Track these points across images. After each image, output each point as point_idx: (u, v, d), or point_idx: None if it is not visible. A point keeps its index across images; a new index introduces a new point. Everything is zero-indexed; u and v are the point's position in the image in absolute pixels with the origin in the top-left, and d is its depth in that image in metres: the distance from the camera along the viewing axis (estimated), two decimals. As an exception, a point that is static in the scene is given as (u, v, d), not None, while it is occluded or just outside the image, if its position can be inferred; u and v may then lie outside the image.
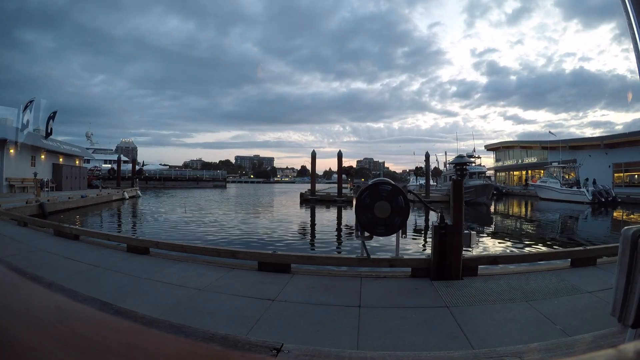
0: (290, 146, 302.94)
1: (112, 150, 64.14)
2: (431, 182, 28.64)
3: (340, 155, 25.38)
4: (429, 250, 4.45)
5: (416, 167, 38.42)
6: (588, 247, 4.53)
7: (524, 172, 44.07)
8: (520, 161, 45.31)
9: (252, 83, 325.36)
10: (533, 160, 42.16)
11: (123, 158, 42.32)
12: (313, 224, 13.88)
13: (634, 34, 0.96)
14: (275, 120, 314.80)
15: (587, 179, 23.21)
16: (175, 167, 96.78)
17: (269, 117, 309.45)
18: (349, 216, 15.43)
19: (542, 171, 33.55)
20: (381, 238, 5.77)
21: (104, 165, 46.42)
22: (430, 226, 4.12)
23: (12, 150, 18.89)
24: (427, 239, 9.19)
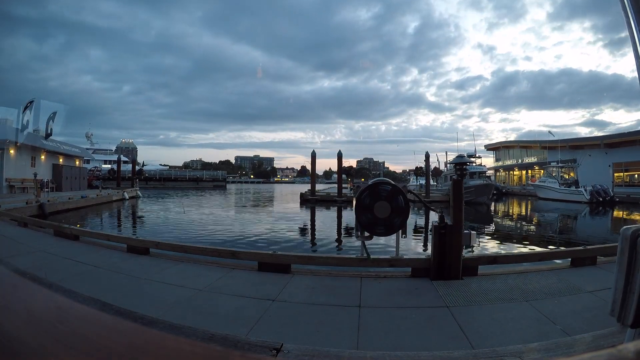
0: (289, 146, 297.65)
1: (112, 150, 64.04)
2: (431, 182, 28.64)
3: (340, 155, 25.39)
4: (429, 250, 4.45)
5: (416, 167, 38.37)
6: (588, 247, 4.53)
7: (523, 172, 44.11)
8: (520, 161, 45.34)
9: (220, 72, 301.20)
10: (533, 159, 42.19)
11: (123, 158, 42.24)
12: (313, 224, 13.88)
13: (632, 33, 0.96)
14: (261, 117, 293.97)
15: (584, 186, 23.03)
16: (176, 167, 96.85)
17: (253, 113, 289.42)
18: (349, 216, 15.43)
19: (542, 171, 33.59)
20: (381, 238, 5.77)
21: (103, 166, 46.36)
22: (430, 226, 4.12)
23: (12, 151, 18.89)
24: (427, 239, 9.18)
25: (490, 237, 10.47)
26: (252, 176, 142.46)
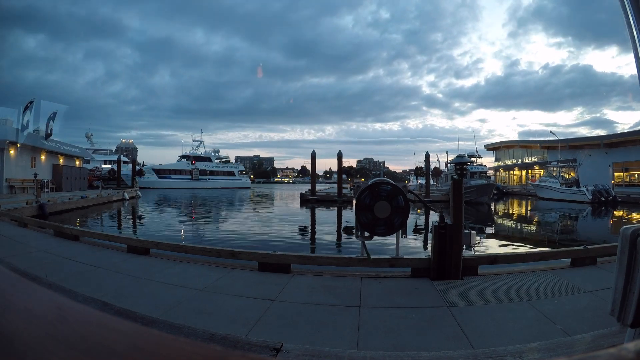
0: (288, 146, 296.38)
1: (112, 150, 63.97)
2: (431, 182, 28.62)
3: (340, 155, 25.36)
4: (429, 250, 4.45)
5: (416, 167, 38.39)
6: (588, 247, 4.53)
7: (523, 172, 44.09)
8: (520, 161, 45.32)
9: (173, 60, 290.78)
10: (533, 159, 42.16)
11: (123, 159, 42.24)
12: (313, 224, 13.88)
13: (632, 33, 0.96)
14: (246, 113, 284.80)
15: (586, 186, 23.00)
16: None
17: (233, 108, 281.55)
18: (349, 216, 15.42)
19: (542, 170, 33.58)
20: (381, 238, 5.77)
21: (104, 166, 46.32)
22: (430, 226, 4.12)
23: (12, 151, 18.89)
24: (427, 239, 9.18)
25: (490, 237, 10.47)
26: (252, 176, 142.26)
